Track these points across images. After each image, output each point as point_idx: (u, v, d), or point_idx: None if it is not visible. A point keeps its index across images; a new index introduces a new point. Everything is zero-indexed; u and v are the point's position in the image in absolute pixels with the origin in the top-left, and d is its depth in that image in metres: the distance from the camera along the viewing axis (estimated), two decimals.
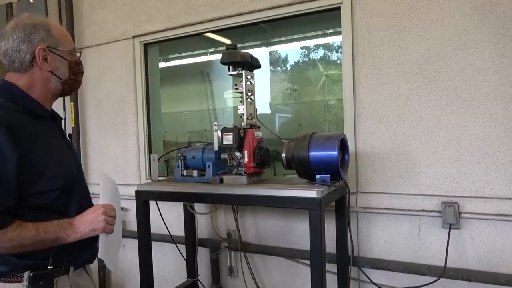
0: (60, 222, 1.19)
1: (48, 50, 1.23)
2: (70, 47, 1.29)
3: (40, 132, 1.23)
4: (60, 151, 1.30)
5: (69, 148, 1.37)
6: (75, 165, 1.35)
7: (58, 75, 1.27)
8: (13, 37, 1.21)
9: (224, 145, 1.86)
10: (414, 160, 1.97)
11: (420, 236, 1.98)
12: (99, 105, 2.97)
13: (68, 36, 1.32)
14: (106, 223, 1.20)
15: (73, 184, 1.28)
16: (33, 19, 1.26)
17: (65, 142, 1.36)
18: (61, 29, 1.32)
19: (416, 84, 1.95)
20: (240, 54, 1.90)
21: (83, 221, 1.20)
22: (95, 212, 1.21)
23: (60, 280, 1.25)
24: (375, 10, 2.03)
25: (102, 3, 2.90)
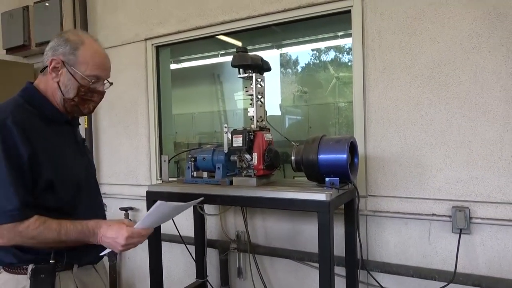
0: (84, 228, 1.23)
1: (62, 63, 1.28)
2: (90, 73, 1.29)
3: (51, 135, 1.28)
4: (69, 155, 1.33)
5: (80, 152, 1.40)
6: (85, 169, 1.39)
7: (62, 91, 1.30)
8: (50, 44, 1.32)
9: (234, 147, 1.87)
10: (424, 164, 1.95)
11: (430, 241, 1.96)
12: (112, 106, 3.01)
13: (98, 61, 1.31)
14: (125, 248, 1.23)
15: (79, 187, 1.32)
16: (71, 36, 1.32)
17: (77, 147, 1.39)
18: (94, 53, 1.30)
19: (427, 88, 1.94)
20: (250, 57, 1.91)
21: (105, 236, 1.23)
22: (118, 234, 1.21)
23: (63, 275, 1.29)
24: (385, 13, 2.02)
25: (115, 7, 2.95)
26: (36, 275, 1.24)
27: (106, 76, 1.36)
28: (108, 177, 3.06)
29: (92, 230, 1.24)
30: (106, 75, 1.36)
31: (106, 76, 1.36)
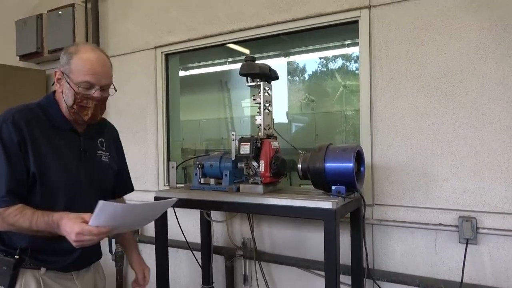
0: (49, 219, 1.26)
1: (62, 74, 1.39)
2: (80, 79, 1.34)
3: (51, 137, 1.38)
4: (64, 159, 1.40)
5: (80, 160, 1.44)
6: (83, 176, 1.44)
7: (65, 100, 1.40)
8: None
9: (241, 154, 1.89)
10: (431, 173, 1.96)
11: (437, 250, 1.96)
12: (121, 112, 3.06)
13: (87, 68, 1.35)
14: (78, 244, 1.21)
15: (67, 190, 1.38)
16: (71, 47, 1.40)
17: (78, 154, 1.44)
18: (84, 60, 1.35)
19: (434, 98, 1.95)
20: (258, 66, 1.94)
21: (63, 229, 1.22)
22: (71, 228, 1.20)
23: (28, 273, 1.35)
24: (392, 23, 2.05)
25: (126, 15, 3.02)
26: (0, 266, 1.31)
27: (98, 82, 1.37)
28: None
29: (56, 222, 1.25)
30: (98, 81, 1.37)
31: (98, 81, 1.37)
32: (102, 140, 1.56)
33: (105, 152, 1.56)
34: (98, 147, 1.53)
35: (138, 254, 1.80)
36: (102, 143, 1.56)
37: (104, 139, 1.58)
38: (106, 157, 1.56)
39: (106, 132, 1.61)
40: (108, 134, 1.62)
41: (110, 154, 1.58)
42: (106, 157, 1.56)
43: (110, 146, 1.60)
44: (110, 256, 3.01)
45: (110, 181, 1.59)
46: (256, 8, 2.42)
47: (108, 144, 1.59)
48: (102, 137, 1.57)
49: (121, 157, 1.71)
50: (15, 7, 3.58)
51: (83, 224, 1.20)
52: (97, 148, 1.53)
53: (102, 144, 1.56)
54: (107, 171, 1.56)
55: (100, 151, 1.54)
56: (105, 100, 1.45)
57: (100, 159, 1.53)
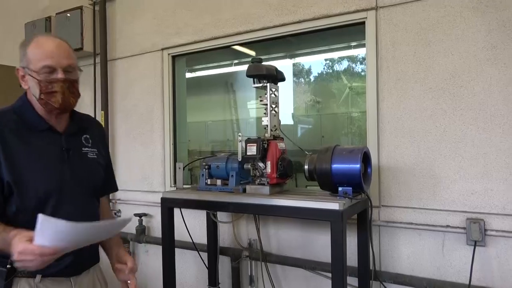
0: (5, 237, 1.17)
1: (22, 69, 1.33)
2: (40, 65, 1.28)
3: (28, 143, 1.32)
4: (47, 163, 1.33)
5: (62, 160, 1.37)
6: (67, 176, 1.36)
7: (33, 94, 1.33)
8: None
9: (248, 155, 1.90)
10: (438, 175, 1.95)
11: (444, 253, 1.95)
12: (128, 114, 3.08)
13: (43, 52, 1.29)
14: (22, 265, 1.13)
15: (48, 193, 1.30)
16: (25, 41, 1.35)
17: (61, 154, 1.37)
18: (39, 46, 1.30)
19: (441, 99, 1.94)
20: (265, 67, 1.95)
21: (13, 249, 1.12)
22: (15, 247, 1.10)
23: (23, 283, 1.28)
24: (400, 24, 2.04)
25: (133, 17, 3.04)
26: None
27: (58, 63, 1.31)
28: (123, 183, 3.11)
29: (9, 240, 1.15)
30: (57, 62, 1.30)
31: (58, 63, 1.30)
32: (87, 137, 1.49)
33: (92, 149, 1.49)
34: (83, 144, 1.46)
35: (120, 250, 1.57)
36: (88, 140, 1.49)
37: (89, 135, 1.50)
38: (94, 153, 1.49)
39: (90, 128, 1.53)
40: (93, 130, 1.54)
41: (97, 150, 1.51)
42: (94, 153, 1.49)
43: (96, 142, 1.53)
44: None
45: (100, 178, 1.52)
46: (263, 10, 2.43)
47: (94, 140, 1.52)
48: (87, 133, 1.49)
49: (107, 154, 1.63)
50: (25, 10, 3.63)
51: (27, 243, 1.09)
52: (82, 145, 1.46)
53: (88, 140, 1.49)
54: (96, 167, 1.50)
55: (86, 148, 1.47)
56: (74, 83, 1.36)
57: (87, 156, 1.46)
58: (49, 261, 1.12)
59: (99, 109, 3.13)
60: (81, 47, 3.04)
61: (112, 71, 3.15)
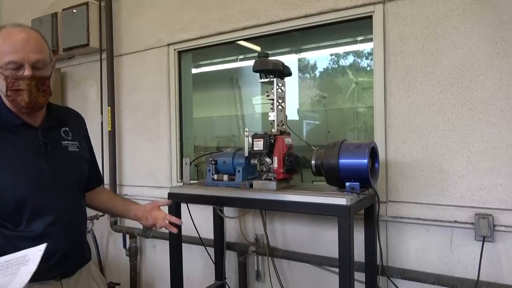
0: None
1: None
2: (5, 60, 1.20)
3: (2, 140, 1.25)
4: (23, 160, 1.28)
5: (40, 155, 1.31)
6: (47, 171, 1.30)
7: (1, 89, 1.25)
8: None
9: (255, 150, 1.90)
10: (446, 170, 1.93)
11: (452, 248, 1.94)
12: (134, 109, 3.09)
13: (9, 46, 1.20)
14: None
15: (29, 191, 1.26)
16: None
17: (38, 150, 1.31)
18: (5, 38, 1.21)
19: (450, 93, 1.92)
20: (272, 62, 1.94)
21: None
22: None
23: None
24: (407, 18, 2.02)
25: (139, 13, 3.04)
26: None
27: (25, 59, 1.21)
28: (129, 179, 3.14)
29: None
30: (24, 58, 1.21)
31: (24, 59, 1.21)
32: (66, 129, 1.42)
33: (73, 142, 1.42)
34: (62, 137, 1.40)
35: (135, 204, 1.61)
36: (67, 132, 1.42)
37: (69, 128, 1.43)
38: (75, 146, 1.42)
39: (70, 121, 1.47)
40: (73, 123, 1.48)
41: (79, 143, 1.45)
42: (75, 146, 1.42)
43: (77, 134, 1.47)
44: (124, 252, 3.05)
45: (84, 172, 1.46)
46: (270, 5, 2.42)
47: (75, 132, 1.45)
48: (66, 126, 1.43)
49: (89, 146, 1.57)
50: (31, 6, 3.64)
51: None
52: (61, 139, 1.39)
53: (67, 133, 1.42)
54: (78, 161, 1.43)
55: (66, 141, 1.40)
56: (43, 80, 1.27)
57: (67, 150, 1.39)
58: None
59: (105, 105, 3.14)
60: (87, 43, 3.05)
61: (118, 67, 3.16)
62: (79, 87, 3.44)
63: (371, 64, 4.52)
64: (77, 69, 3.44)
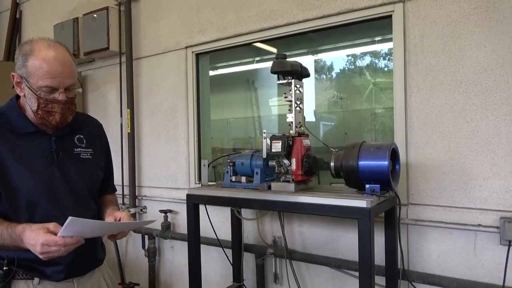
0: (13, 234, 1.18)
1: (20, 78, 1.27)
2: (41, 84, 1.24)
3: (14, 147, 1.29)
4: (34, 167, 1.31)
5: (53, 162, 1.34)
6: (59, 179, 1.33)
7: (29, 104, 1.30)
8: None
9: (273, 152, 1.89)
10: (470, 172, 1.88)
11: (476, 252, 1.88)
12: (153, 112, 3.13)
13: (47, 71, 1.23)
14: (45, 256, 1.14)
15: (36, 197, 1.29)
16: (25, 46, 1.28)
17: (51, 157, 1.34)
18: (42, 61, 1.23)
19: (473, 94, 1.87)
20: (290, 64, 1.93)
21: (27, 242, 1.15)
22: (35, 240, 1.12)
23: (22, 285, 1.29)
24: (428, 17, 1.98)
25: (157, 16, 3.07)
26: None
27: (60, 84, 1.26)
28: (148, 180, 3.17)
29: (18, 235, 1.17)
30: (60, 83, 1.26)
31: (60, 84, 1.26)
32: (80, 137, 1.45)
33: (86, 149, 1.45)
34: (75, 145, 1.43)
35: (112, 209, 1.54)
36: (81, 140, 1.45)
37: (83, 135, 1.46)
38: (88, 153, 1.45)
39: (86, 128, 1.49)
40: (89, 129, 1.50)
41: (93, 150, 1.47)
42: (88, 154, 1.45)
43: (93, 141, 1.49)
44: (143, 252, 3.08)
45: (97, 178, 1.49)
46: (287, 6, 2.41)
47: (90, 139, 1.48)
48: (81, 133, 1.46)
49: (106, 153, 1.59)
50: (53, 12, 3.73)
51: (48, 235, 1.11)
52: (74, 146, 1.42)
53: (81, 140, 1.45)
54: (90, 168, 1.45)
55: (79, 149, 1.43)
56: (72, 100, 1.33)
57: (79, 157, 1.42)
58: (71, 250, 1.14)
59: (124, 107, 3.19)
60: (107, 46, 3.10)
61: (137, 70, 3.20)
62: (99, 90, 3.51)
63: (388, 64, 4.46)
64: (97, 72, 3.51)
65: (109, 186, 1.62)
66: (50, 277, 1.32)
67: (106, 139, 1.62)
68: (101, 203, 1.56)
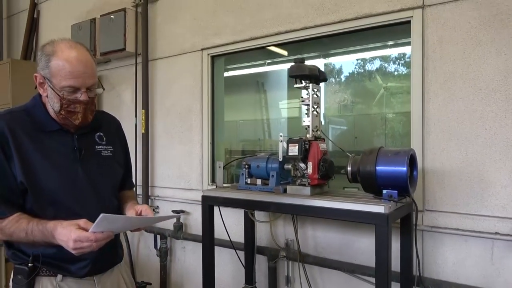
0: (44, 230, 1.21)
1: (43, 78, 1.30)
2: (64, 84, 1.26)
3: (40, 144, 1.32)
4: (59, 164, 1.34)
5: (75, 160, 1.37)
6: (81, 176, 1.36)
7: (51, 105, 1.33)
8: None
9: (289, 155, 1.90)
10: (487, 179, 1.87)
11: (493, 260, 1.87)
12: (167, 113, 3.15)
13: (70, 72, 1.26)
14: (78, 252, 1.16)
15: (63, 194, 1.32)
16: (47, 47, 1.30)
17: (73, 154, 1.37)
18: (65, 62, 1.26)
19: (492, 101, 1.86)
20: (308, 68, 1.94)
21: (59, 238, 1.18)
22: (67, 236, 1.15)
23: (45, 281, 1.31)
24: (448, 23, 1.98)
25: (174, 18, 3.10)
26: (15, 275, 1.30)
27: (83, 84, 1.29)
28: (161, 180, 3.20)
29: (50, 231, 1.19)
30: (82, 83, 1.29)
31: (82, 84, 1.29)
32: (101, 134, 1.48)
33: (106, 146, 1.48)
34: (96, 142, 1.46)
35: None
36: (102, 137, 1.48)
37: (103, 133, 1.49)
38: (108, 151, 1.48)
39: (105, 125, 1.53)
40: (108, 127, 1.54)
41: (113, 147, 1.51)
42: (108, 151, 1.48)
43: (112, 139, 1.53)
44: (155, 252, 3.10)
45: (116, 175, 1.53)
46: (304, 10, 2.42)
47: (109, 137, 1.51)
48: (101, 131, 1.49)
49: (125, 150, 1.62)
50: (70, 13, 3.78)
51: (79, 231, 1.14)
52: (95, 144, 1.45)
53: (101, 138, 1.48)
54: (111, 165, 1.49)
55: (100, 146, 1.46)
56: (93, 100, 1.37)
57: (100, 154, 1.46)
58: (102, 245, 1.18)
59: (139, 108, 3.22)
60: (124, 47, 3.14)
61: (152, 71, 3.23)
62: (114, 90, 3.55)
63: (399, 69, 4.44)
64: (113, 72, 3.55)
65: (127, 182, 1.65)
66: (73, 273, 1.34)
67: (124, 136, 1.66)
68: (120, 198, 1.59)
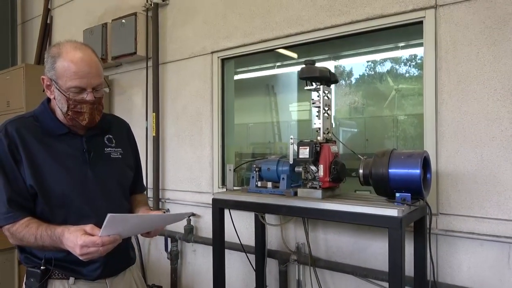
0: (52, 235, 1.21)
1: (50, 80, 1.32)
2: (70, 84, 1.27)
3: (49, 147, 1.33)
4: (68, 167, 1.34)
5: (85, 162, 1.38)
6: (91, 178, 1.37)
7: (59, 107, 1.34)
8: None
9: (300, 158, 1.88)
10: (503, 182, 1.83)
11: (510, 265, 1.82)
12: (178, 116, 3.16)
13: (75, 72, 1.27)
14: (85, 258, 1.16)
15: (73, 196, 1.33)
16: (53, 49, 1.31)
17: (82, 157, 1.38)
18: (70, 63, 1.27)
19: (508, 102, 1.82)
20: (318, 69, 1.92)
21: (66, 244, 1.18)
22: (74, 242, 1.15)
23: (58, 284, 1.32)
24: (461, 23, 1.95)
25: (184, 22, 3.12)
26: (28, 278, 1.31)
27: (88, 84, 1.30)
28: (171, 183, 3.21)
29: (58, 237, 1.19)
30: (88, 83, 1.29)
31: (88, 84, 1.30)
32: (110, 137, 1.49)
33: (116, 148, 1.48)
34: (105, 145, 1.46)
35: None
36: (111, 140, 1.49)
37: (113, 135, 1.50)
38: (118, 153, 1.49)
39: (114, 128, 1.53)
40: (117, 129, 1.54)
41: (122, 149, 1.51)
42: (118, 153, 1.49)
43: (122, 141, 1.53)
44: (165, 255, 3.11)
45: (126, 177, 1.53)
46: (314, 12, 2.41)
47: (119, 139, 1.52)
48: (110, 133, 1.50)
49: (135, 153, 1.63)
50: (82, 17, 3.84)
51: (86, 236, 1.14)
52: (104, 146, 1.46)
53: (111, 140, 1.49)
54: (120, 167, 1.49)
55: (109, 148, 1.47)
56: (100, 100, 1.37)
57: (110, 157, 1.46)
58: (110, 249, 1.16)
59: (150, 111, 3.23)
60: (135, 51, 3.16)
61: (163, 74, 3.25)
62: (125, 93, 3.58)
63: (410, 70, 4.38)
64: (124, 76, 3.58)
65: (137, 185, 1.65)
66: (85, 275, 1.35)
67: (134, 139, 1.66)
68: (132, 202, 1.59)
